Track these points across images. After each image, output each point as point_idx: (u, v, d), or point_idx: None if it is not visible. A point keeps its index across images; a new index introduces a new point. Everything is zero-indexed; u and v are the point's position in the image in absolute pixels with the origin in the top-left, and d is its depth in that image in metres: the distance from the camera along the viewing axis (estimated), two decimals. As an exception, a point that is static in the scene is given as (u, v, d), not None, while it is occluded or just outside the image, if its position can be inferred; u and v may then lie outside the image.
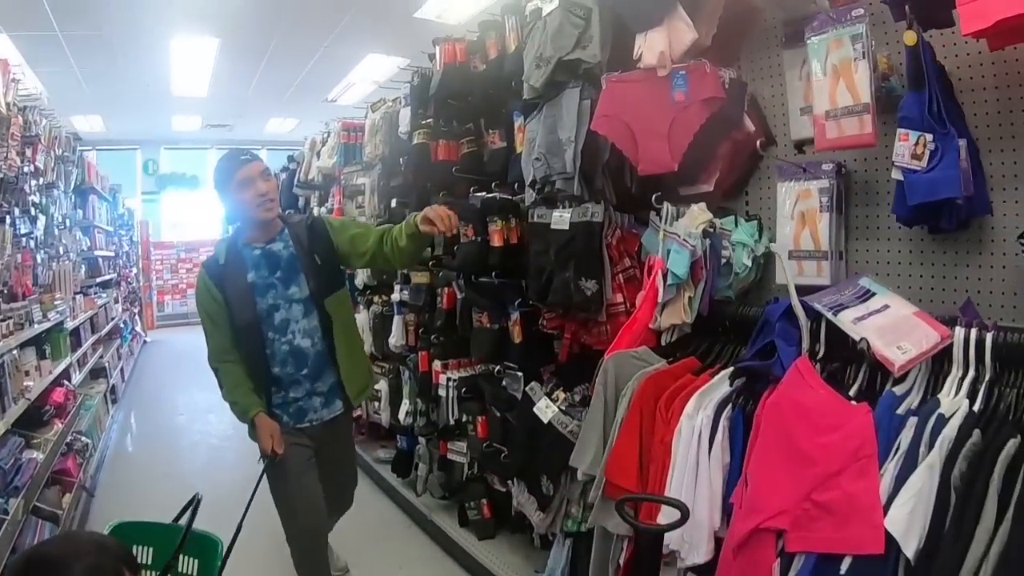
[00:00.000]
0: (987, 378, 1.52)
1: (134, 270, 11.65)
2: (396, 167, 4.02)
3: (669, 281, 2.05)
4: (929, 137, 1.60)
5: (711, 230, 2.04)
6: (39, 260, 4.51)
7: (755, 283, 2.23)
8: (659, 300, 2.10)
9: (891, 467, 1.42)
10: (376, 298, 4.58)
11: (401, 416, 3.93)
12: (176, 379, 8.41)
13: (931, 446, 1.37)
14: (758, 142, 2.23)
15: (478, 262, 2.97)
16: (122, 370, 7.64)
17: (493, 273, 2.95)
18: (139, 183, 13.27)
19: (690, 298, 2.05)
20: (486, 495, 3.29)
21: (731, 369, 1.86)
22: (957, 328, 1.57)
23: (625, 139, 2.19)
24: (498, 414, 3.02)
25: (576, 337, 2.61)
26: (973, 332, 1.54)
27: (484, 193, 3.05)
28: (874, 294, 1.80)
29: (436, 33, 3.37)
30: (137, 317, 10.90)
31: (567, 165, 2.36)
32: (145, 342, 11.06)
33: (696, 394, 1.81)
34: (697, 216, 2.08)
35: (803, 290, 1.89)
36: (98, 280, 7.19)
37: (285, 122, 11.51)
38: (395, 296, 4.10)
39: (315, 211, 5.51)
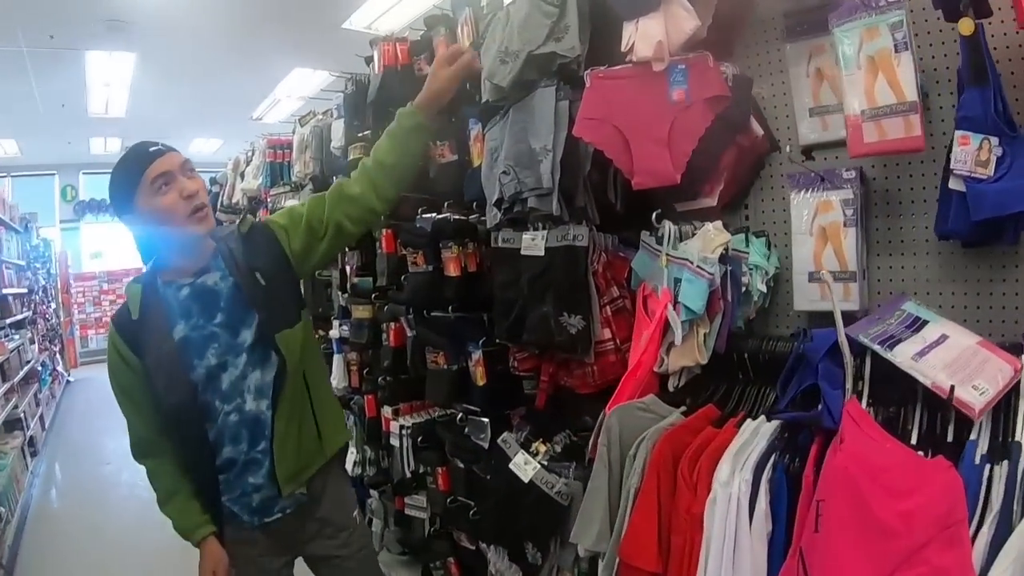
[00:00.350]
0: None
1: (52, 305, 10.99)
2: (329, 187, 3.57)
3: (683, 316, 1.75)
4: (995, 141, 1.42)
5: (728, 254, 1.77)
6: None
7: (762, 309, 1.97)
8: (668, 339, 1.80)
9: (985, 530, 1.22)
10: (316, 332, 4.06)
11: (349, 466, 3.48)
12: (102, 422, 7.87)
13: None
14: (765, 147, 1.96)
15: (431, 295, 2.60)
16: (42, 417, 7.21)
17: (450, 307, 2.57)
18: (57, 210, 12.74)
19: (705, 335, 1.77)
20: (452, 553, 2.91)
21: (764, 421, 1.61)
22: (1027, 357, 1.36)
23: (616, 146, 1.86)
24: (462, 465, 2.67)
25: (555, 379, 2.26)
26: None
27: (435, 214, 2.67)
28: (926, 322, 1.57)
29: (367, 44, 2.99)
30: (58, 356, 10.29)
31: (542, 179, 1.99)
32: (68, 382, 10.50)
33: (727, 454, 1.53)
34: (714, 238, 1.78)
35: (829, 318, 1.64)
36: (9, 321, 6.65)
37: (209, 142, 11.20)
38: (334, 332, 3.68)
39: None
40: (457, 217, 2.59)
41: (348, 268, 3.48)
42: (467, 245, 2.48)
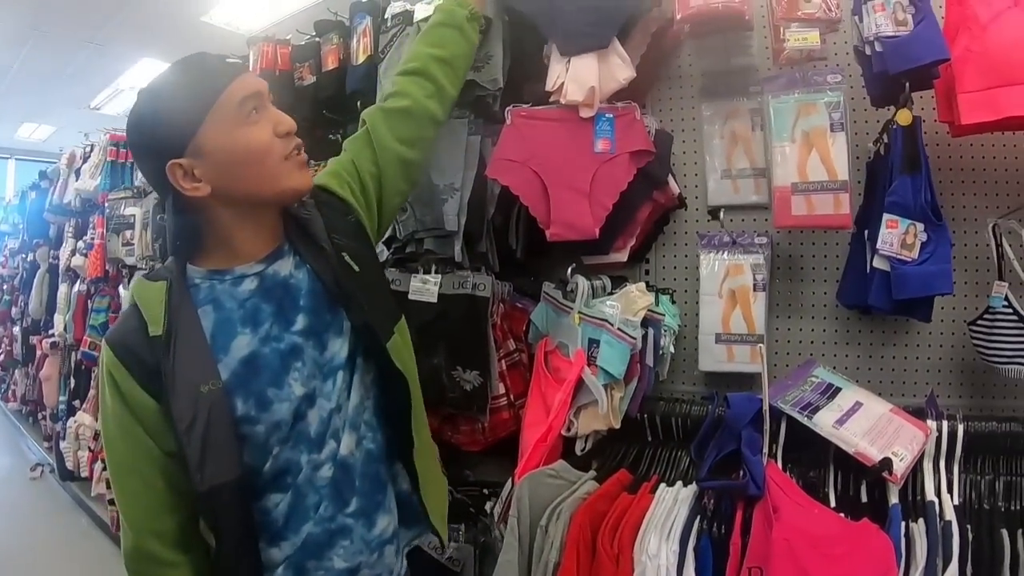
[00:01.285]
0: (957, 470, 1.50)
1: None
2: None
3: (600, 380, 1.66)
4: (921, 227, 1.50)
5: (653, 317, 1.73)
6: None
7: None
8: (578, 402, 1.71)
9: None
10: None
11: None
12: None
13: (947, 556, 1.33)
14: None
15: None
16: None
17: None
18: None
19: (620, 399, 1.69)
20: None
21: (680, 487, 1.61)
22: (930, 421, 1.53)
23: (533, 193, 1.73)
24: None
25: (439, 435, 2.04)
26: (945, 424, 1.52)
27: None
28: (839, 389, 1.65)
29: (224, 41, 2.78)
30: None
31: (445, 221, 1.83)
32: None
33: (651, 524, 1.52)
34: (637, 300, 1.72)
35: (735, 379, 1.82)
36: None
37: (39, 128, 10.22)
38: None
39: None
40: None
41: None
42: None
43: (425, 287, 1.91)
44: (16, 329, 6.96)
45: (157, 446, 1.17)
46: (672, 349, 1.81)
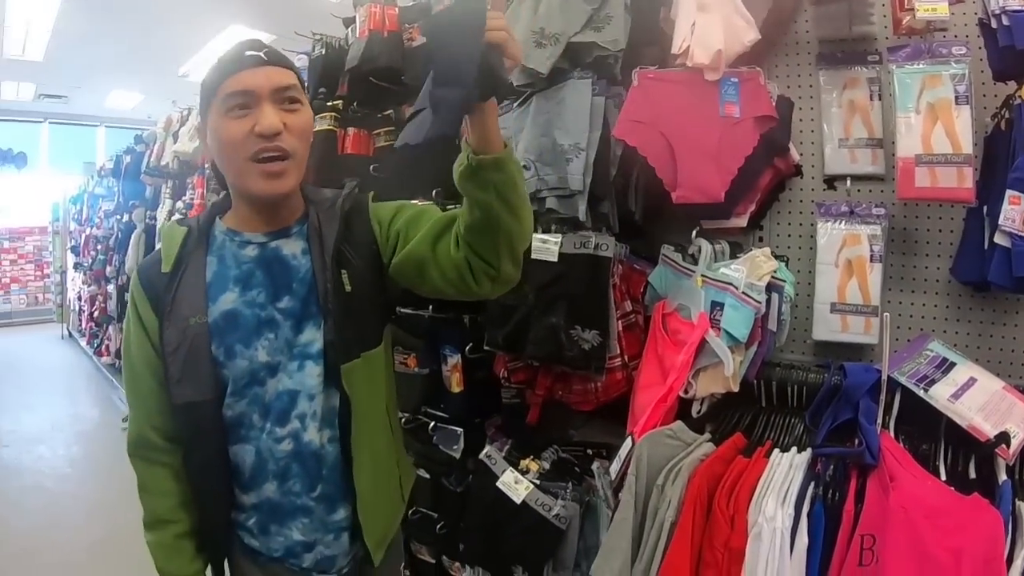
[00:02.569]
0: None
1: None
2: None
3: (725, 343, 1.66)
4: None
5: (776, 283, 1.70)
6: None
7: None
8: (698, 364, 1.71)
9: (1019, 563, 1.32)
10: None
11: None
12: None
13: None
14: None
15: (407, 290, 2.33)
16: None
17: (431, 307, 2.37)
18: None
19: (740, 363, 1.68)
20: (408, 566, 2.70)
21: (795, 453, 1.59)
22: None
23: (661, 154, 1.75)
24: (427, 476, 2.50)
25: (551, 394, 2.11)
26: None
27: (420, 201, 2.39)
28: (953, 363, 1.62)
29: (313, 10, 2.74)
30: None
31: (570, 180, 1.83)
32: None
33: (770, 488, 1.52)
34: (762, 265, 1.70)
35: (846, 349, 1.80)
36: None
37: (129, 96, 10.53)
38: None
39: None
40: (448, 206, 2.34)
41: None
42: (455, 241, 2.23)
43: (545, 246, 1.93)
44: (111, 287, 7.21)
45: (154, 356, 1.37)
46: (788, 317, 1.79)
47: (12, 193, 12.15)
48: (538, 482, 2.04)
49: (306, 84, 2.86)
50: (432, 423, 2.45)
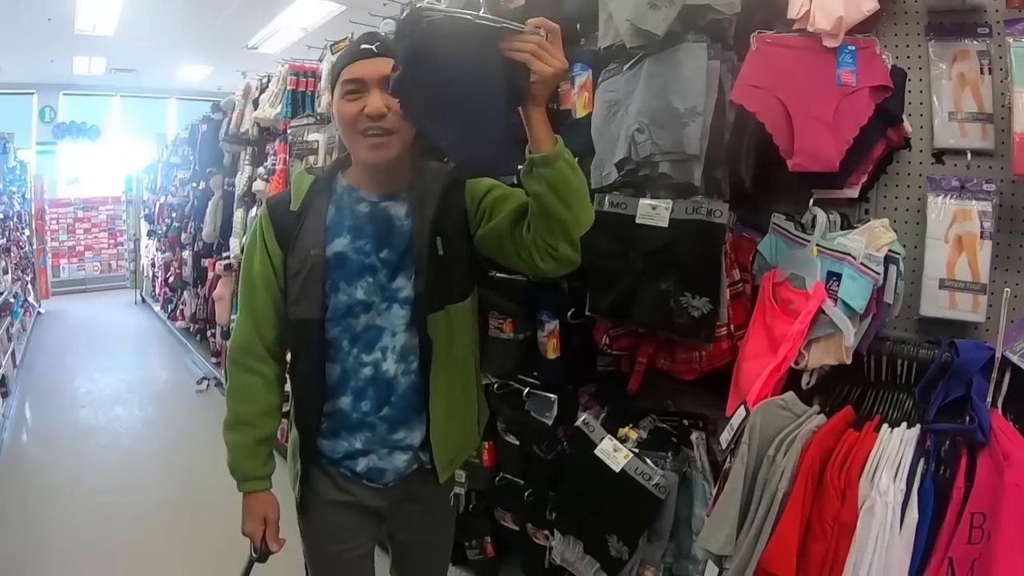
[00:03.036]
0: None
1: (26, 232, 10.44)
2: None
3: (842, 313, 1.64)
4: None
5: (892, 255, 1.66)
6: None
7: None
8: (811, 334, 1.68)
9: None
10: None
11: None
12: (74, 360, 7.56)
13: None
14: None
15: None
16: (13, 353, 6.74)
17: None
18: (34, 132, 11.98)
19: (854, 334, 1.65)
20: (491, 532, 2.79)
21: (905, 428, 1.55)
22: None
23: (778, 120, 1.71)
24: (516, 443, 2.52)
25: (653, 362, 2.09)
26: None
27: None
28: None
29: None
30: (30, 286, 9.81)
31: (686, 144, 1.81)
32: (39, 313, 10.03)
33: (883, 462, 1.50)
34: (880, 236, 1.67)
35: (948, 326, 1.75)
36: None
37: (198, 69, 10.65)
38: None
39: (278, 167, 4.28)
40: None
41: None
42: (556, 205, 2.20)
43: (655, 212, 1.91)
44: (186, 253, 7.33)
45: (272, 276, 1.65)
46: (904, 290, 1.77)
47: (86, 164, 12.57)
48: (637, 451, 2.02)
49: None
50: (526, 389, 2.44)
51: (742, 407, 1.67)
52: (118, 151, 12.24)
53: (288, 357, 1.74)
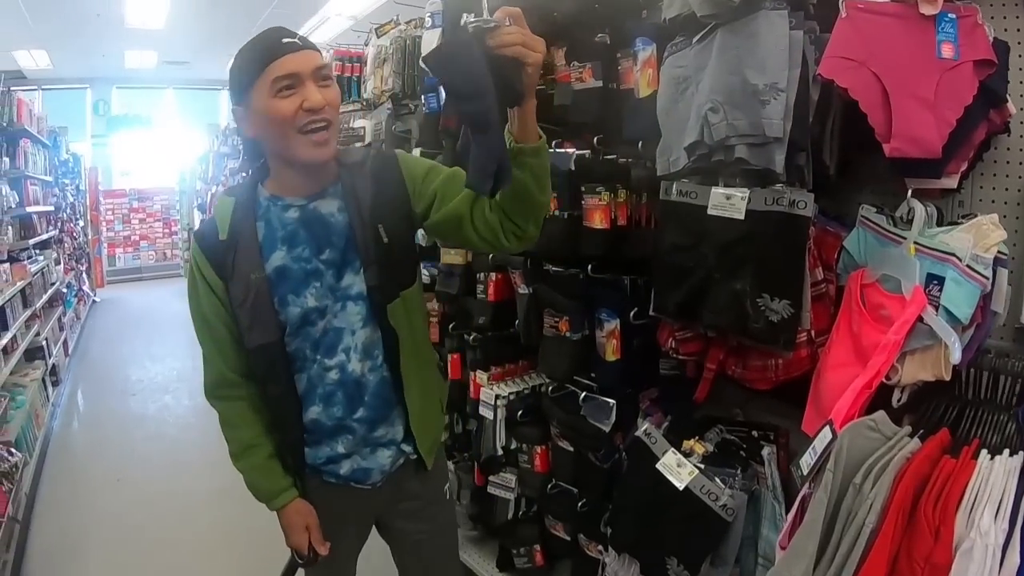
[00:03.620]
0: None
1: (80, 223, 10.78)
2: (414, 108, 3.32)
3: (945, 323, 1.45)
4: None
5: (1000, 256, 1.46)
6: None
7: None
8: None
9: None
10: None
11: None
12: (127, 347, 7.78)
13: None
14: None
15: (563, 247, 2.22)
16: (65, 342, 6.96)
17: (589, 266, 2.20)
18: (89, 125, 12.47)
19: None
20: (540, 540, 2.64)
21: (1007, 456, 1.34)
22: None
23: (873, 99, 1.50)
24: (570, 449, 2.37)
25: (724, 368, 1.91)
26: None
27: (573, 150, 2.25)
28: None
29: None
30: (84, 275, 10.11)
31: (766, 126, 1.60)
32: (94, 302, 10.39)
33: (982, 497, 1.30)
34: (989, 234, 1.47)
35: None
36: (33, 241, 6.27)
37: None
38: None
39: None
40: (608, 156, 2.19)
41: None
42: (618, 192, 2.08)
43: (729, 202, 1.71)
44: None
45: (223, 310, 1.62)
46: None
47: (139, 155, 12.87)
48: (703, 466, 1.86)
49: (442, 28, 2.71)
50: (583, 394, 2.28)
51: (827, 428, 1.48)
52: (171, 142, 12.71)
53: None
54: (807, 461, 1.52)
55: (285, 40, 1.47)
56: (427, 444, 1.77)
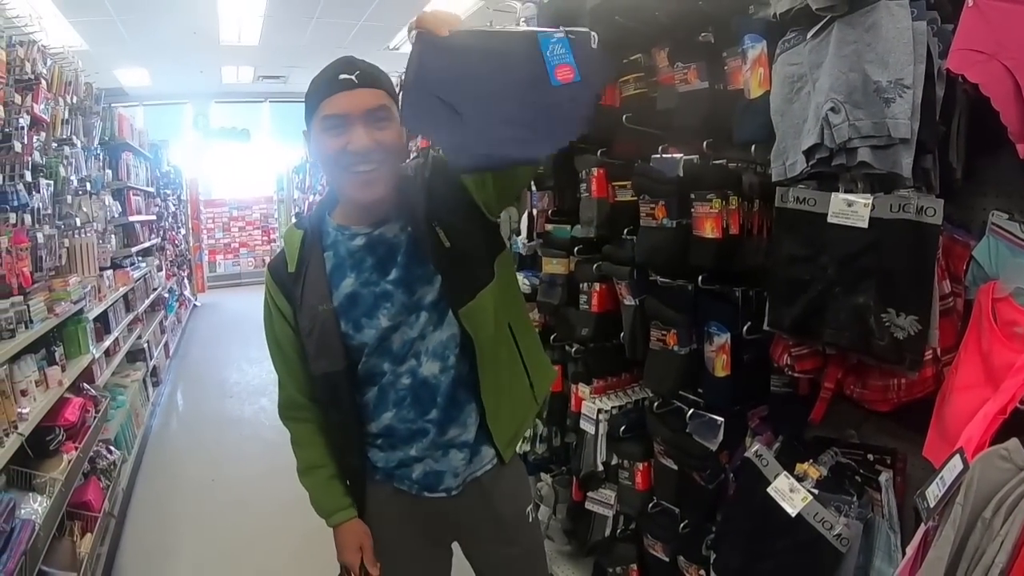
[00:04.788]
0: None
1: (183, 231, 11.36)
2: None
3: None
4: None
5: None
6: (42, 239, 3.58)
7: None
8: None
9: None
10: None
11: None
12: (225, 350, 8.07)
13: None
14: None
15: (671, 258, 2.12)
16: (166, 345, 7.31)
17: (699, 278, 2.08)
18: (189, 138, 13.04)
19: None
20: (638, 560, 2.55)
21: None
22: None
23: (1007, 95, 1.36)
24: (674, 467, 2.27)
25: (841, 388, 1.77)
26: None
27: (680, 155, 2.16)
28: None
29: None
30: (186, 281, 10.57)
31: (892, 126, 1.47)
32: (195, 306, 10.92)
33: None
34: None
35: None
36: (136, 249, 6.54)
37: None
38: (516, 285, 3.16)
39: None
40: (717, 161, 2.09)
41: (535, 210, 3.03)
42: (729, 200, 1.97)
43: (851, 209, 1.59)
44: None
45: (297, 337, 1.67)
46: None
47: (239, 166, 13.39)
48: (816, 492, 1.74)
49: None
50: (690, 411, 2.19)
51: (958, 457, 1.35)
52: (269, 153, 13.18)
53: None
54: (934, 493, 1.40)
55: (342, 77, 1.48)
56: (505, 436, 1.75)
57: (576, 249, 2.73)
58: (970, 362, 1.48)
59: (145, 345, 5.96)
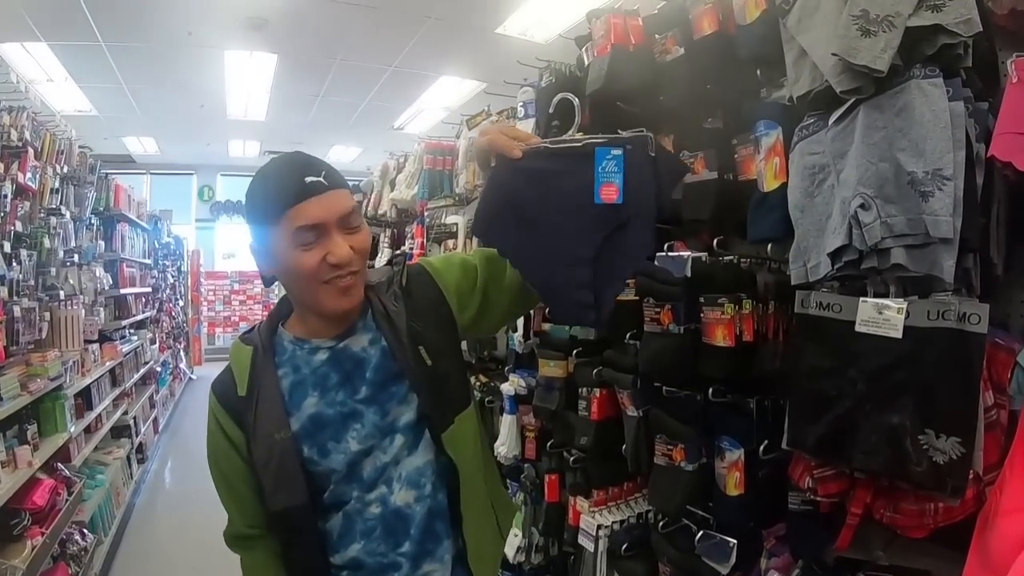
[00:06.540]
0: None
1: (180, 303, 11.40)
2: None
3: None
4: None
5: None
6: (19, 312, 3.50)
7: None
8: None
9: None
10: (476, 379, 3.31)
11: (510, 551, 2.82)
12: None
13: None
14: None
15: (679, 366, 1.93)
16: (155, 420, 7.23)
17: (710, 389, 1.90)
18: (194, 209, 13.46)
19: None
20: None
21: None
22: None
23: None
24: None
25: (870, 512, 1.57)
26: None
27: (687, 253, 2.00)
28: None
29: (520, 54, 2.83)
30: (182, 353, 10.39)
31: (931, 224, 1.31)
32: (190, 379, 10.76)
33: None
34: None
35: None
36: (127, 322, 6.50)
37: (348, 150, 11.56)
38: (507, 387, 2.97)
39: (400, 253, 3.87)
40: (728, 257, 1.94)
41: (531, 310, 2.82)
42: (743, 304, 1.80)
43: (883, 316, 1.41)
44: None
45: (244, 467, 1.45)
46: None
47: (242, 239, 13.35)
48: (842, 633, 1.56)
49: (535, 118, 2.55)
50: (699, 533, 1.98)
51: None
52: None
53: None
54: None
55: (309, 180, 1.32)
56: (486, 571, 1.57)
57: (575, 352, 2.57)
58: (1016, 481, 1.30)
59: (131, 421, 5.84)
